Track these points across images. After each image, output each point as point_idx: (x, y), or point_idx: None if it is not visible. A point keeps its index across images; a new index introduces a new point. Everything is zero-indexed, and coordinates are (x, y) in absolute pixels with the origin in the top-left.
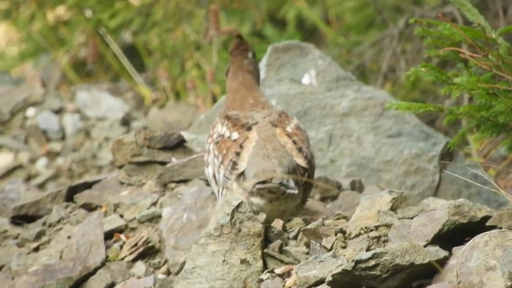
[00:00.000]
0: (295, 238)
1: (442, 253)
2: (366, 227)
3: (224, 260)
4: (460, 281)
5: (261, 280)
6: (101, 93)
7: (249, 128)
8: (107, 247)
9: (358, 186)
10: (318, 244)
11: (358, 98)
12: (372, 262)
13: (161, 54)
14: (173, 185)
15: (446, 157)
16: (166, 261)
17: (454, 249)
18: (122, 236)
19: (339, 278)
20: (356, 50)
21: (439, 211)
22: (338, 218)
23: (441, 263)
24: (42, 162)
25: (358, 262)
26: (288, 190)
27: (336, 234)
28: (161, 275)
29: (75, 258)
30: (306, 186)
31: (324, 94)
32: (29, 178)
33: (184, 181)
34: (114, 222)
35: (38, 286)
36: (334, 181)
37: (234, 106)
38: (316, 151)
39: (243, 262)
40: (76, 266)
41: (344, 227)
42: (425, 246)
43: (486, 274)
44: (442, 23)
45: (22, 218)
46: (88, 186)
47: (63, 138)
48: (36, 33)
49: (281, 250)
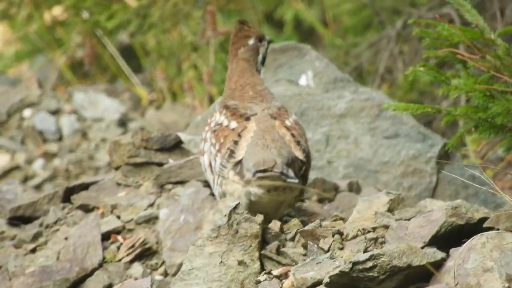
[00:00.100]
0: (293, 239)
1: (440, 254)
2: (363, 229)
3: (221, 261)
4: (457, 282)
5: (258, 281)
6: (98, 94)
7: (247, 118)
8: (104, 248)
9: (355, 188)
10: (316, 245)
11: (355, 100)
12: (369, 264)
13: (158, 55)
14: (170, 186)
15: (444, 158)
16: (163, 262)
17: (452, 250)
18: (119, 237)
19: (337, 279)
20: (353, 51)
21: (437, 213)
22: (335, 220)
23: (438, 265)
24: (39, 163)
25: (355, 263)
26: (288, 180)
27: (333, 236)
28: (158, 277)
29: (72, 259)
30: (303, 178)
31: (321, 95)
32: (26, 179)
33: (181, 182)
34: (111, 223)
35: (35, 287)
36: (331, 182)
37: (233, 95)
38: (313, 153)
39: (240, 263)
40: (73, 267)
41: (341, 229)
42: (422, 247)
43: (483, 276)
44: (441, 24)
45: (19, 219)
46: (85, 187)
47: (60, 139)
48: (32, 33)
49: (278, 252)
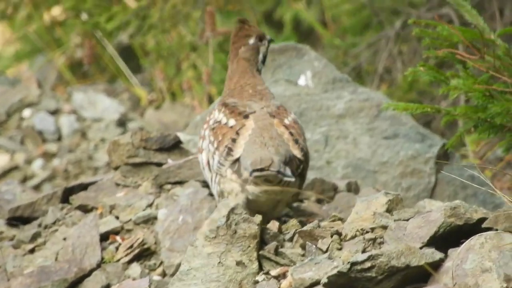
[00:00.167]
0: (291, 240)
1: (438, 255)
2: (361, 229)
3: (219, 262)
4: (455, 283)
5: (256, 282)
6: (97, 94)
7: (246, 116)
8: (103, 249)
9: (354, 188)
10: (314, 246)
11: (354, 100)
12: (367, 264)
13: (157, 55)
14: (169, 186)
15: (443, 158)
16: (161, 262)
17: (450, 251)
18: (118, 237)
19: (335, 280)
20: (352, 51)
21: (435, 213)
22: (333, 220)
23: (436, 265)
24: (38, 163)
25: (353, 264)
26: (285, 178)
27: (331, 236)
28: (156, 277)
29: (71, 260)
30: (301, 177)
31: (320, 96)
32: (25, 179)
33: (180, 182)
34: (109, 223)
35: (34, 287)
36: (330, 182)
37: (232, 94)
38: (312, 153)
39: (239, 264)
40: (71, 268)
41: (339, 229)
42: (420, 248)
43: (482, 276)
44: (440, 24)
45: (17, 220)
46: (84, 187)
47: (59, 139)
48: (32, 33)
49: (276, 252)
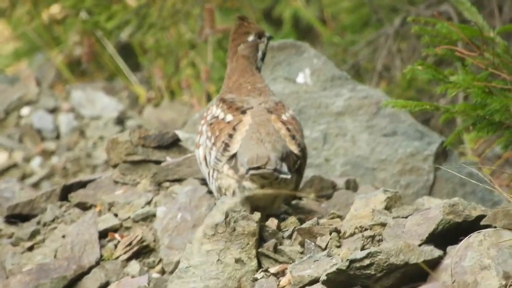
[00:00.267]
0: (290, 237)
1: (437, 252)
2: (360, 226)
3: (218, 259)
4: (454, 280)
5: (255, 279)
6: (96, 92)
7: (243, 111)
8: (102, 246)
9: (352, 185)
10: (313, 243)
11: (353, 97)
12: (366, 262)
13: (156, 53)
14: (167, 184)
15: (441, 156)
16: (160, 260)
17: (449, 248)
18: (117, 235)
19: (334, 277)
20: (351, 49)
21: (434, 210)
22: (332, 217)
23: (435, 263)
24: (36, 161)
25: (352, 261)
26: (281, 175)
27: (330, 233)
28: (155, 274)
29: (70, 257)
30: (298, 173)
31: (319, 93)
32: (23, 177)
33: (178, 180)
34: (108, 221)
35: (32, 285)
36: (328, 180)
37: (231, 90)
38: (310, 150)
39: (238, 261)
40: (70, 265)
41: (338, 226)
42: (419, 245)
43: (481, 274)
44: (440, 22)
45: (16, 217)
46: (82, 185)
47: (58, 137)
48: (31, 31)
49: (275, 250)
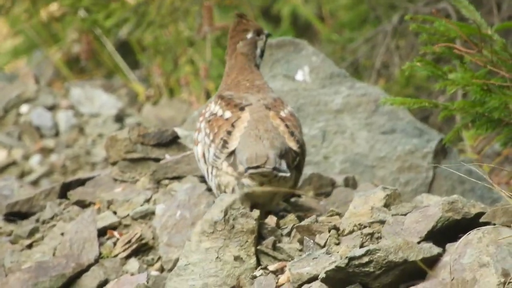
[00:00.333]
0: (289, 234)
1: (436, 249)
2: (359, 224)
3: (217, 257)
4: (453, 277)
5: (254, 276)
6: (94, 89)
7: (242, 108)
8: (101, 244)
9: (351, 183)
10: (312, 241)
11: (352, 95)
12: (365, 259)
13: (154, 51)
14: (166, 181)
15: (440, 153)
16: (159, 258)
17: (448, 245)
18: (116, 233)
19: (333, 274)
20: (349, 46)
21: (433, 208)
22: (331, 215)
23: (434, 260)
24: (35, 159)
25: (351, 258)
26: (280, 173)
27: (329, 231)
28: (154, 272)
29: (68, 255)
30: (297, 170)
31: (317, 91)
32: (22, 175)
33: (177, 177)
34: (107, 219)
35: (31, 283)
36: (327, 177)
37: (229, 87)
38: (309, 148)
39: (237, 259)
40: (69, 263)
41: (337, 224)
42: (418, 242)
43: (480, 271)
44: (438, 19)
45: (15, 215)
46: (81, 183)
47: (57, 134)
48: (29, 29)
49: (274, 247)
